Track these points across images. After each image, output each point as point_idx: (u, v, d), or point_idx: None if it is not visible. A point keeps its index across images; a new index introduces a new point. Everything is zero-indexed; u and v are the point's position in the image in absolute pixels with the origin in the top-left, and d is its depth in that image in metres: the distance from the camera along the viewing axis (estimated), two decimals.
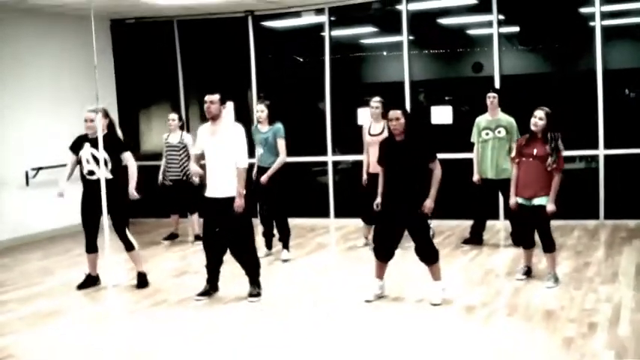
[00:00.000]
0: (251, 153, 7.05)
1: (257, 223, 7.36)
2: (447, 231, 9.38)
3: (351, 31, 11.48)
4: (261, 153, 8.02)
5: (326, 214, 10.91)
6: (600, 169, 9.71)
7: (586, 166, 10.12)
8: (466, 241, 8.53)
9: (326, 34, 10.81)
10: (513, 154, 6.88)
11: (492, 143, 8.21)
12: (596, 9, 9.58)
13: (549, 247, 6.60)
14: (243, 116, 11.41)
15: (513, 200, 6.70)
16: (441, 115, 10.36)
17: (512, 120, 8.23)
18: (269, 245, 8.35)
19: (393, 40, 10.88)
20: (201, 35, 11.59)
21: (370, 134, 8.29)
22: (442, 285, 6.23)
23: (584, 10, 10.16)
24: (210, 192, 6.40)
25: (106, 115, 6.90)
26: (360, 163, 8.65)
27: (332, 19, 10.80)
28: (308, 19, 11.21)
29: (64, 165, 7.17)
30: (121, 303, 6.67)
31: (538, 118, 6.48)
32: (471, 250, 8.25)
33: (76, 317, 6.27)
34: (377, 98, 8.33)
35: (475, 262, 7.71)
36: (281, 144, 7.93)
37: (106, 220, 6.28)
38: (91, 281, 7.18)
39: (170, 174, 9.22)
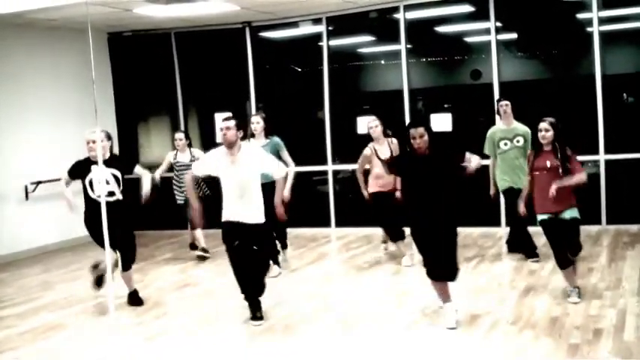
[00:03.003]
0: None
1: None
2: None
3: (349, 41, 11.47)
4: None
5: (327, 224, 10.87)
6: (601, 175, 9.69)
7: (587, 171, 10.08)
8: (513, 250, 8.22)
9: (324, 43, 10.81)
10: (526, 168, 6.52)
11: (513, 153, 7.79)
12: (594, 14, 9.57)
13: (575, 254, 6.29)
14: (242, 128, 11.36)
15: (522, 208, 6.43)
16: (441, 122, 10.34)
17: (527, 129, 7.74)
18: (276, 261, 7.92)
19: (391, 49, 10.87)
20: (199, 47, 11.58)
21: (380, 159, 7.46)
22: (454, 306, 5.83)
23: (581, 15, 10.17)
24: (236, 217, 6.05)
25: (109, 137, 6.80)
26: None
27: (329, 28, 10.80)
28: (305, 29, 11.20)
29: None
30: (123, 317, 6.61)
31: (544, 131, 6.15)
32: (473, 259, 8.20)
33: (77, 332, 6.22)
34: (372, 117, 7.99)
35: (478, 270, 7.66)
36: (286, 155, 7.77)
37: (106, 236, 6.08)
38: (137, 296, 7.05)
39: (184, 192, 8.87)
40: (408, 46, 10.46)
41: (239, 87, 11.35)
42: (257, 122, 7.74)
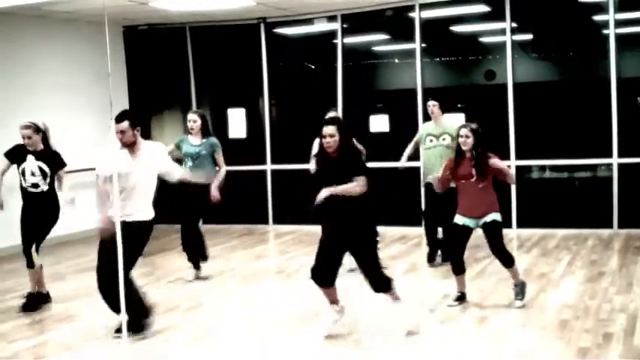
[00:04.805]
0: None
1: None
2: None
3: (364, 39, 11.47)
4: (190, 166, 7.37)
5: None
6: (614, 178, 9.64)
7: (600, 174, 10.05)
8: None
9: (338, 41, 10.80)
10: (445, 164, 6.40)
11: (437, 151, 7.77)
12: (610, 16, 9.52)
13: (508, 262, 6.26)
14: (255, 122, 11.43)
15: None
16: (454, 122, 10.30)
17: (456, 126, 7.37)
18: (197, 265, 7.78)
19: (405, 48, 10.86)
20: (214, 42, 11.62)
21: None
22: (404, 307, 5.66)
23: (597, 17, 10.13)
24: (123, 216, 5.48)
25: (38, 130, 6.77)
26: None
27: (344, 26, 10.79)
28: (320, 27, 11.21)
29: (78, 171, 7.14)
30: None
31: (465, 137, 6.09)
32: (483, 260, 8.17)
33: (86, 323, 6.25)
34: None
35: (487, 272, 7.64)
36: (220, 158, 7.50)
37: (118, 229, 6.04)
38: (36, 300, 6.79)
39: None
40: (423, 45, 10.44)
41: (252, 83, 11.37)
42: (194, 121, 7.40)
